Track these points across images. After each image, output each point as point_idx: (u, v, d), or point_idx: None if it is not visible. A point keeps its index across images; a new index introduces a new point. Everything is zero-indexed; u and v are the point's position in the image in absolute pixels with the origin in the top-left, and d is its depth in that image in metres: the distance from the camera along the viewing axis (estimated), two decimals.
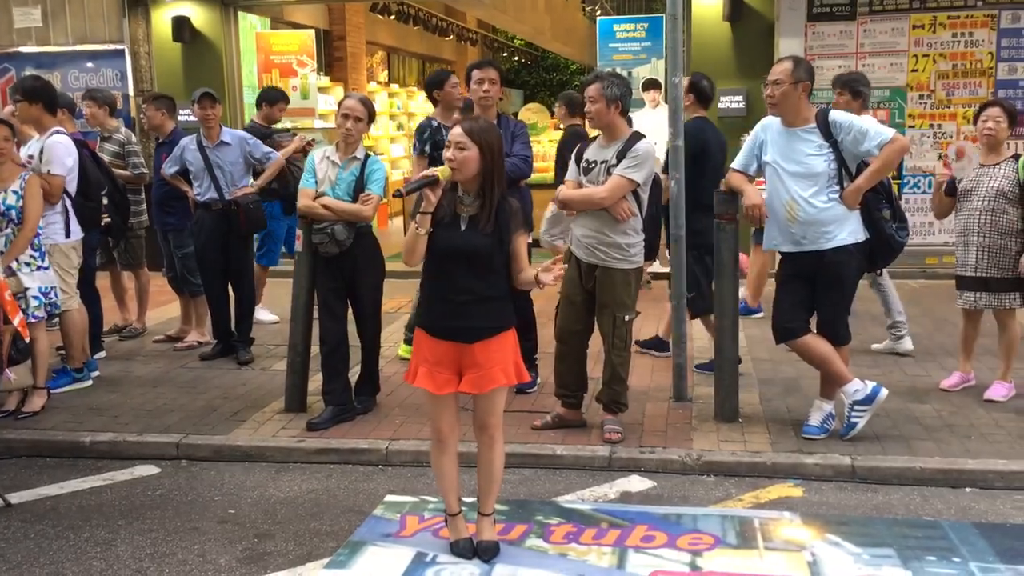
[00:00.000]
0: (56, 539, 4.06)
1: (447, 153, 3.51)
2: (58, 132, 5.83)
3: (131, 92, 10.40)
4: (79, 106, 7.43)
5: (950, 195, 5.51)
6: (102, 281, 7.63)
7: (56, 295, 5.56)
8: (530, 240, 5.69)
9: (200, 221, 6.61)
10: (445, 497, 3.80)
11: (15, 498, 4.48)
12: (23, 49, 10.69)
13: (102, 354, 6.55)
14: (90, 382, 6.10)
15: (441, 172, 3.46)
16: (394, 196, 3.48)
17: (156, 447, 5.05)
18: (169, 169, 6.75)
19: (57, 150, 5.71)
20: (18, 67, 10.47)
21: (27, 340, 4.90)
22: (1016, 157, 5.35)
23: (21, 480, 4.75)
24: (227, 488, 4.61)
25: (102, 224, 6.24)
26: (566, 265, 3.64)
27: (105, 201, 6.28)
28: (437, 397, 3.63)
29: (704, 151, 5.86)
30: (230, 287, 6.76)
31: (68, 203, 5.82)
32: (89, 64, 10.61)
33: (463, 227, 3.56)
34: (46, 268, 5.51)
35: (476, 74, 5.51)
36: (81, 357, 6.01)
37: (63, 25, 10.61)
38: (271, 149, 6.90)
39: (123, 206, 6.51)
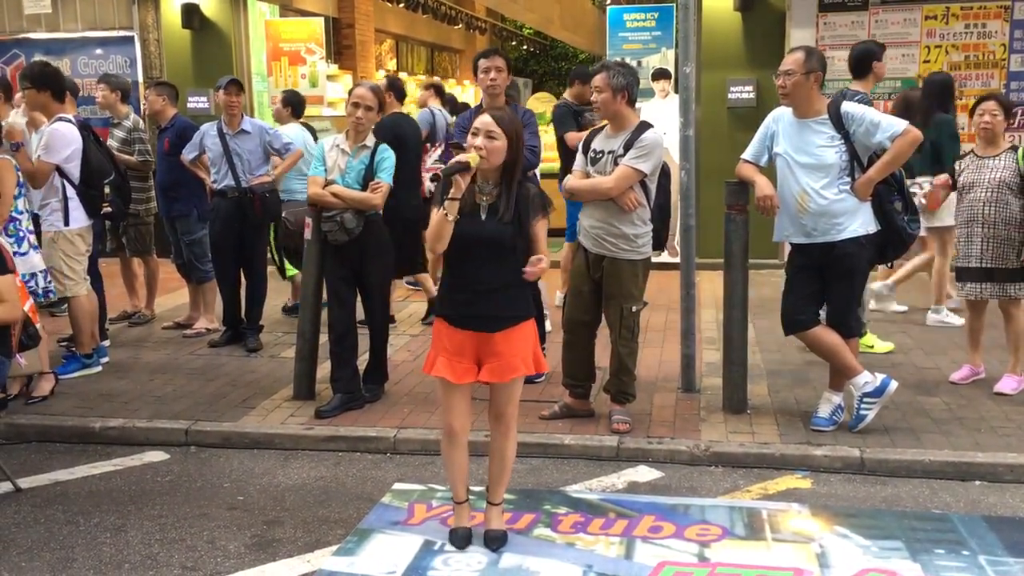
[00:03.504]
0: (66, 524, 4.08)
1: (476, 141, 3.49)
2: (61, 119, 5.82)
3: (140, 79, 10.39)
4: (90, 91, 7.42)
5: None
6: (112, 267, 7.67)
7: (39, 282, 5.44)
8: None
9: (216, 208, 6.64)
10: (453, 486, 3.81)
11: (25, 483, 4.50)
12: (32, 35, 10.69)
13: (106, 343, 6.55)
14: (99, 368, 6.12)
15: (471, 159, 3.45)
16: (431, 181, 3.50)
17: (165, 433, 5.07)
18: (189, 155, 6.77)
19: (54, 138, 5.71)
20: (27, 53, 10.46)
21: (37, 326, 4.90)
22: (1014, 148, 5.38)
23: (31, 465, 4.77)
24: (236, 475, 4.62)
25: (102, 212, 6.22)
26: (547, 266, 3.60)
27: (107, 190, 6.26)
28: (453, 388, 3.63)
29: (402, 143, 6.14)
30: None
31: (66, 190, 5.81)
32: (98, 51, 10.60)
33: (483, 216, 3.56)
34: (24, 254, 5.40)
35: (483, 63, 5.49)
36: (90, 343, 6.02)
37: (73, 11, 10.61)
38: (291, 140, 6.90)
39: (124, 191, 6.50)
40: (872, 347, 6.23)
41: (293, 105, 7.68)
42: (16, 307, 4.35)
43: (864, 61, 5.88)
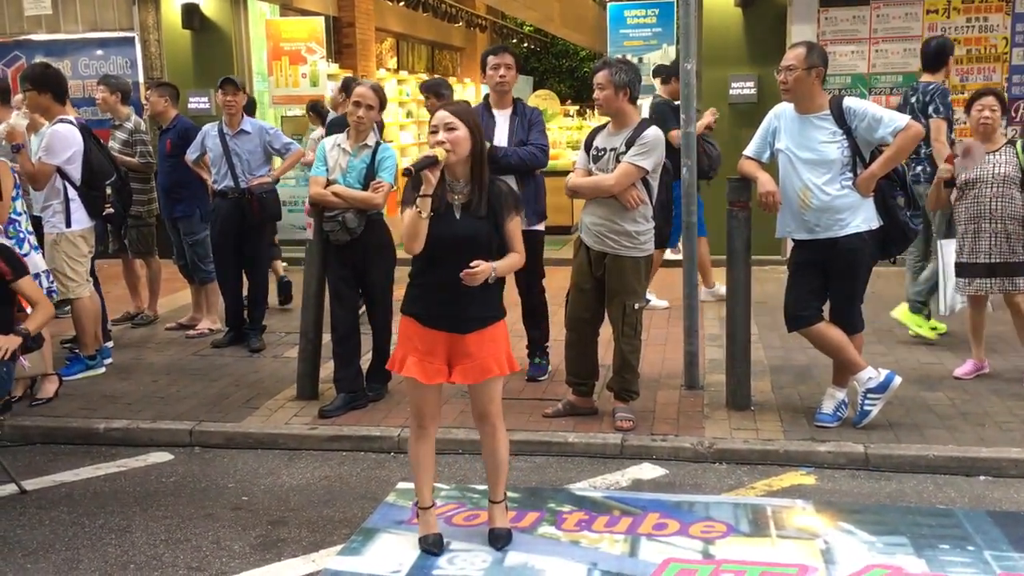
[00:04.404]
0: (71, 525, 4.08)
1: (438, 136, 3.43)
2: (62, 121, 5.82)
3: (141, 80, 10.40)
4: (91, 93, 7.42)
5: (948, 187, 5.52)
6: (114, 268, 7.69)
7: (42, 282, 5.42)
8: (542, 227, 5.75)
9: (217, 209, 6.66)
10: (419, 489, 3.76)
11: (30, 485, 4.51)
12: (33, 37, 10.69)
13: (109, 344, 6.55)
14: (103, 369, 6.12)
15: (438, 154, 3.39)
16: (403, 175, 3.44)
17: (169, 434, 5.08)
18: (192, 155, 6.78)
19: (55, 139, 5.71)
20: (28, 55, 10.47)
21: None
22: (1012, 142, 5.41)
23: (36, 467, 4.78)
24: (240, 475, 4.63)
25: (104, 214, 6.22)
26: (487, 270, 3.50)
27: (109, 191, 6.26)
28: (423, 385, 3.61)
29: None
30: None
31: (68, 192, 5.80)
32: (99, 52, 10.60)
33: (458, 215, 3.53)
34: (25, 255, 5.38)
35: (492, 60, 5.49)
36: (94, 344, 6.03)
37: (73, 13, 10.61)
38: (291, 140, 6.90)
39: (125, 194, 6.50)
40: (935, 328, 6.35)
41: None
42: (48, 305, 4.38)
43: (941, 55, 6.19)
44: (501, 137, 5.47)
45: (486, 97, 5.67)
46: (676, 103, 7.19)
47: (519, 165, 5.40)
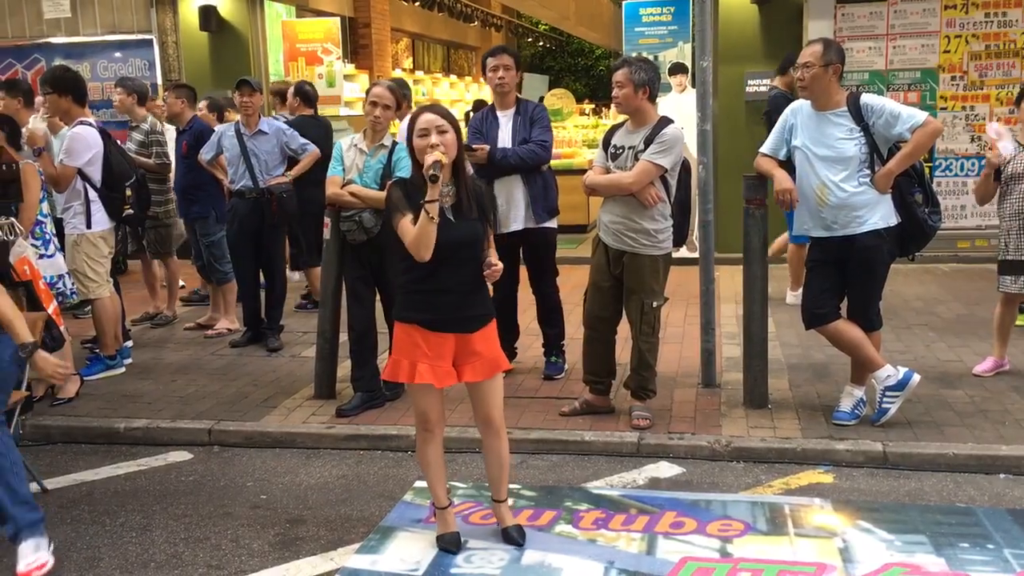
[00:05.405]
0: (92, 524, 4.12)
1: (431, 140, 3.44)
2: (82, 123, 5.87)
3: (159, 81, 10.47)
4: (110, 95, 7.49)
5: (995, 180, 5.46)
6: (131, 268, 7.73)
7: (64, 284, 5.53)
8: (555, 224, 5.75)
9: (234, 209, 6.68)
10: (433, 490, 3.77)
11: (51, 484, 4.55)
12: (53, 40, 10.78)
13: (129, 343, 6.60)
14: (123, 369, 6.17)
15: (440, 158, 3.40)
16: (430, 180, 3.42)
17: (189, 433, 5.11)
18: (206, 155, 6.82)
19: (75, 141, 5.76)
20: (48, 58, 10.56)
21: (61, 328, 4.95)
22: None
23: (57, 466, 4.83)
24: (258, 474, 4.66)
25: (123, 215, 6.26)
26: (501, 268, 3.61)
27: (129, 192, 6.31)
28: (433, 390, 3.62)
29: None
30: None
31: (89, 194, 5.85)
32: (117, 54, 10.68)
33: (451, 217, 3.54)
34: (51, 256, 5.50)
35: (491, 61, 5.49)
36: (114, 344, 6.08)
37: (92, 15, 10.70)
38: (307, 141, 6.92)
39: (143, 195, 6.54)
40: None
41: (219, 110, 7.81)
42: None
43: None
44: (505, 138, 5.48)
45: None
46: (792, 95, 7.13)
47: (519, 164, 5.39)
